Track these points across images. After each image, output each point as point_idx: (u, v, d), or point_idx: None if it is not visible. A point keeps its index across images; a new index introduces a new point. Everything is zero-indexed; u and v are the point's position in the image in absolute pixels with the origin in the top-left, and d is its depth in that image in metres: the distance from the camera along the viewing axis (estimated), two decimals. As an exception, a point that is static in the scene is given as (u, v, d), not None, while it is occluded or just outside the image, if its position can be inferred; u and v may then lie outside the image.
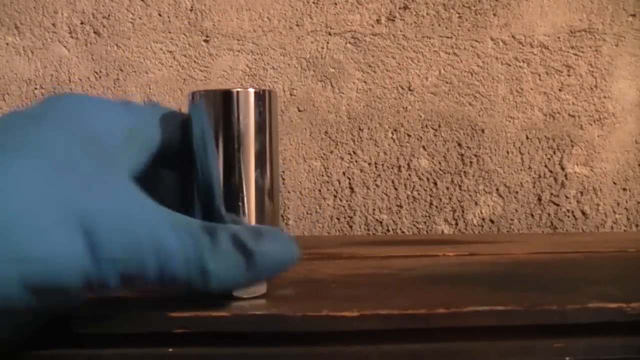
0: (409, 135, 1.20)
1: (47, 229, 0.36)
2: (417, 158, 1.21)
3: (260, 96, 0.53)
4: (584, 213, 1.23)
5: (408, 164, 1.21)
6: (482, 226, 1.22)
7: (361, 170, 1.21)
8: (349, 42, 1.18)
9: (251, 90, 0.53)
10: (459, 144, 1.21)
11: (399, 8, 1.18)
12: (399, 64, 1.19)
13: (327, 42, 1.18)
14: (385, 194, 1.21)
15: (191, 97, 0.54)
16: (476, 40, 1.19)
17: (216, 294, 0.46)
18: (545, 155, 1.21)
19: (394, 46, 1.18)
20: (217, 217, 0.52)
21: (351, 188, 1.21)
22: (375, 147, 1.20)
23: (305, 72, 1.19)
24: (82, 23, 1.16)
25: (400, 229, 1.21)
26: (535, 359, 0.50)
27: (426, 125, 1.20)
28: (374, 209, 1.21)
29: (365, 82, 1.19)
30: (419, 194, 1.21)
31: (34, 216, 0.35)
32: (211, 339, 0.49)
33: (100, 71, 1.17)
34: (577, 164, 1.22)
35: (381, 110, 1.20)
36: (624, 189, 1.23)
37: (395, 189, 1.21)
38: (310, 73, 1.19)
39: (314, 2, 1.17)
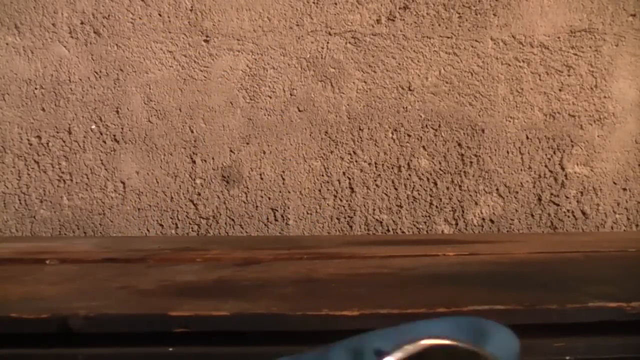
0: (409, 135, 1.20)
1: None
2: (417, 158, 1.21)
3: None
4: (584, 213, 1.23)
5: (408, 164, 1.21)
6: (482, 226, 1.22)
7: (361, 170, 1.21)
8: (349, 42, 1.18)
9: None
10: (459, 144, 1.21)
11: (399, 8, 1.18)
12: (399, 64, 1.19)
13: (327, 42, 1.18)
14: (385, 194, 1.21)
15: None
16: (476, 40, 1.19)
17: None
18: (545, 155, 1.21)
19: (394, 46, 1.19)
20: None
21: (351, 188, 1.21)
22: (375, 147, 1.20)
23: (305, 72, 1.19)
24: (82, 23, 1.17)
25: (400, 228, 1.21)
26: (535, 358, 0.50)
27: (426, 125, 1.20)
28: (374, 209, 1.22)
29: (365, 82, 1.19)
30: (419, 194, 1.21)
31: None
32: (211, 339, 0.49)
33: (100, 71, 1.18)
34: (577, 164, 1.22)
35: (381, 110, 1.20)
36: (624, 189, 1.23)
37: (395, 189, 1.21)
38: (310, 73, 1.19)
39: (314, 2, 1.17)
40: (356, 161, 1.20)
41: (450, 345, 0.38)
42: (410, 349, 0.37)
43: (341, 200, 1.20)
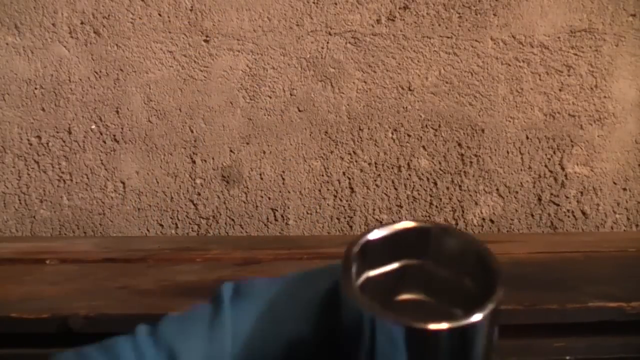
0: (409, 135, 1.20)
1: None
2: (417, 158, 1.21)
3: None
4: (584, 213, 1.23)
5: (408, 164, 1.21)
6: (482, 226, 1.22)
7: (361, 170, 1.21)
8: (349, 42, 1.18)
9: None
10: (459, 144, 1.21)
11: (399, 8, 1.18)
12: (399, 64, 1.19)
13: (327, 42, 1.18)
14: (385, 194, 1.21)
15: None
16: (476, 40, 1.19)
17: None
18: (545, 155, 1.21)
19: (394, 46, 1.18)
20: None
21: (351, 188, 1.21)
22: (375, 147, 1.20)
23: (305, 72, 1.19)
24: (82, 23, 1.16)
25: (400, 229, 1.21)
26: (535, 358, 0.50)
27: (426, 125, 1.20)
28: (374, 209, 1.21)
29: (365, 82, 1.19)
30: (419, 194, 1.21)
31: None
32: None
33: (100, 71, 1.17)
34: (577, 164, 1.22)
35: (381, 110, 1.20)
36: (624, 189, 1.23)
37: (395, 189, 1.21)
38: (310, 73, 1.19)
39: (314, 2, 1.17)
40: (356, 161, 1.20)
41: (421, 226, 0.37)
42: (384, 232, 0.37)
43: (341, 200, 1.20)
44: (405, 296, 0.38)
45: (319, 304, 0.39)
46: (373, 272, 0.37)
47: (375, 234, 0.37)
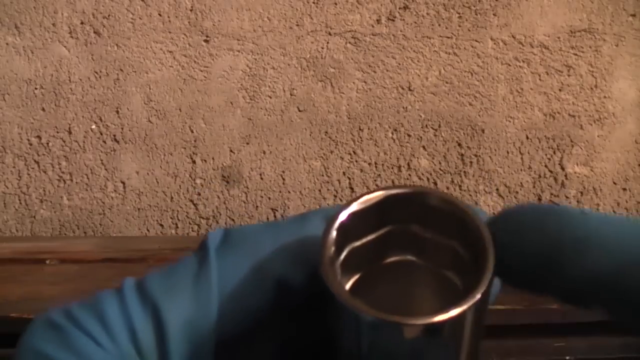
0: (409, 135, 1.20)
1: None
2: (417, 158, 1.21)
3: None
4: (584, 213, 1.22)
5: (408, 164, 1.21)
6: (482, 226, 1.22)
7: (361, 170, 1.21)
8: (349, 42, 1.18)
9: None
10: (459, 144, 1.21)
11: (399, 8, 1.18)
12: (399, 64, 1.19)
13: (327, 42, 1.18)
14: (386, 194, 1.21)
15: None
16: (476, 40, 1.19)
17: None
18: (545, 155, 1.22)
19: (394, 46, 1.18)
20: None
21: (351, 188, 1.21)
22: (375, 147, 1.20)
23: (305, 72, 1.19)
24: (82, 23, 1.16)
25: (400, 229, 1.21)
26: (535, 358, 0.50)
27: (426, 125, 1.20)
28: (374, 209, 1.21)
29: (365, 82, 1.19)
30: (419, 194, 1.21)
31: None
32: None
33: (100, 71, 1.17)
34: (577, 164, 1.22)
35: (381, 110, 1.20)
36: (624, 189, 1.23)
37: (396, 189, 1.21)
38: (310, 73, 1.19)
39: (314, 2, 1.17)
40: (356, 161, 1.20)
41: (401, 192, 0.34)
42: (367, 199, 0.34)
43: (341, 200, 1.20)
44: (393, 258, 0.37)
45: (307, 248, 0.36)
46: (356, 243, 0.36)
47: (353, 207, 0.35)
